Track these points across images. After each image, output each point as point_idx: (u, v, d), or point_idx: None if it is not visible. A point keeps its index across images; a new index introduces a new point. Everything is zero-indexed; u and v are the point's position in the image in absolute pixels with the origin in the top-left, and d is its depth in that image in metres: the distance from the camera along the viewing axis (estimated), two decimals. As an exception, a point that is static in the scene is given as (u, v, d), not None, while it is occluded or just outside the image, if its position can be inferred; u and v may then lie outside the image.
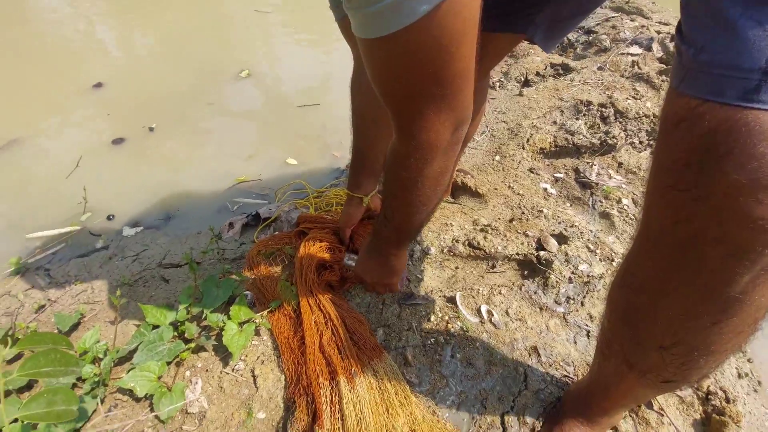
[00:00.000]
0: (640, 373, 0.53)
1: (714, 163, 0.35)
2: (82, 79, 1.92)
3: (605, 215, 1.24)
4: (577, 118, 1.53)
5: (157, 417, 0.75)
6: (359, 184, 1.03)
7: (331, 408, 0.70)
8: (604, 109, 1.52)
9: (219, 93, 1.89)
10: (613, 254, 1.09)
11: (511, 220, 1.18)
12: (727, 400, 0.87)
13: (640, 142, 1.45)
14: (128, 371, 0.78)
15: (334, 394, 0.72)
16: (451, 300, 0.95)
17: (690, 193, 0.37)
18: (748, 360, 1.03)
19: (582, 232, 1.11)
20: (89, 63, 2.11)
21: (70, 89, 1.87)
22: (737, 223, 0.35)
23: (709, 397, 0.88)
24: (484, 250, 1.07)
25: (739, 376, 0.98)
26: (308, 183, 1.42)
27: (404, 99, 0.52)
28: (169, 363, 0.84)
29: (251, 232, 1.24)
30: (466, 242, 1.10)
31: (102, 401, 0.79)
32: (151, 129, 1.66)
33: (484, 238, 1.09)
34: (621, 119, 1.49)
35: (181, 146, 1.62)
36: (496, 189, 1.31)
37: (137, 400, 0.80)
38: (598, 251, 1.09)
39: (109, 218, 1.33)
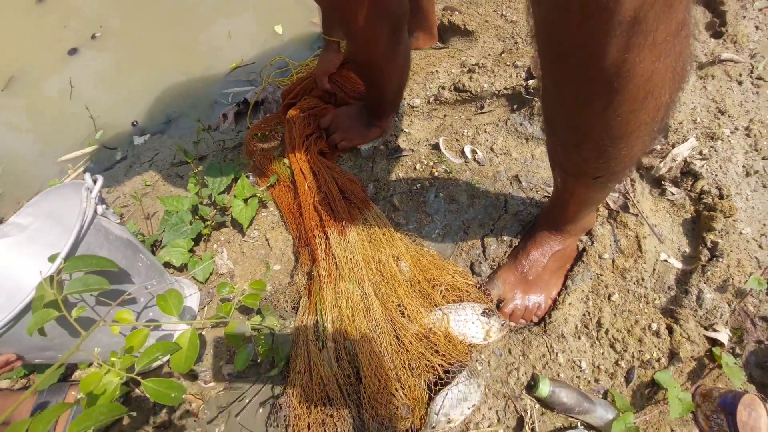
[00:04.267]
0: (575, 177, 0.54)
1: None
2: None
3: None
4: None
5: (194, 278, 0.91)
6: (333, 27, 0.99)
7: (325, 252, 0.81)
8: None
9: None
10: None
11: (501, 53, 1.09)
12: (721, 197, 0.87)
13: None
14: (161, 249, 0.93)
15: (327, 242, 0.82)
16: (436, 147, 0.97)
17: None
18: (763, 158, 0.99)
19: (579, 51, 1.01)
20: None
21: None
22: None
23: (702, 196, 0.88)
24: (471, 92, 1.03)
25: (747, 174, 0.96)
26: (290, 59, 1.37)
27: (343, 11, 0.70)
28: (196, 240, 0.98)
29: (245, 119, 1.27)
30: (452, 87, 1.05)
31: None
32: (93, 37, 1.62)
33: (470, 78, 1.03)
34: None
35: (163, 45, 1.58)
36: (487, 21, 1.18)
37: (179, 270, 0.97)
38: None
39: (133, 124, 1.40)
